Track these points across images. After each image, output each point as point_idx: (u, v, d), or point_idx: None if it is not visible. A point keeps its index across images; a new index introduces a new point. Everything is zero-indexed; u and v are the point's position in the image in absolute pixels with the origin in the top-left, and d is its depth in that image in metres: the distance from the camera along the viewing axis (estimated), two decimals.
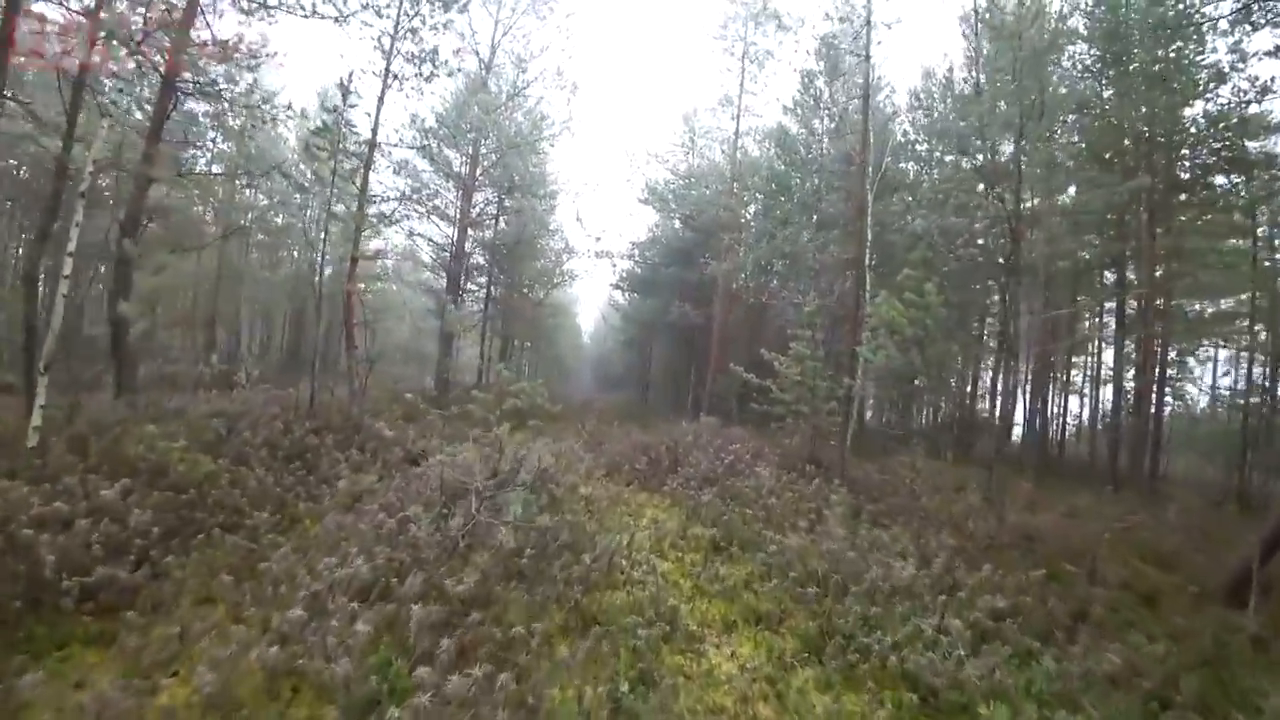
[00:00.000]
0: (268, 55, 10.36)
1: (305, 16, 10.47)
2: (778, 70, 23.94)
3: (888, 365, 8.23)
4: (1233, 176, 14.82)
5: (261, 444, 7.98)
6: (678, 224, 29.09)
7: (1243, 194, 15.01)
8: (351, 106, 10.37)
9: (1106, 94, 15.87)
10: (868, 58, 10.32)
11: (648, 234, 30.13)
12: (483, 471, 6.18)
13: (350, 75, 10.26)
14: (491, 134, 18.91)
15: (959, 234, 14.35)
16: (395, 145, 11.69)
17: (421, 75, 12.04)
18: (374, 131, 11.47)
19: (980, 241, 17.49)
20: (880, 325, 8.28)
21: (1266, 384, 16.15)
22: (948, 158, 23.03)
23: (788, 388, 11.09)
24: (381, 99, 11.71)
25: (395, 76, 12.46)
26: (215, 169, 16.82)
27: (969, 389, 22.15)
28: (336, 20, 11.16)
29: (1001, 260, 10.41)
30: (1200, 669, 4.52)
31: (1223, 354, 26.40)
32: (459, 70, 12.79)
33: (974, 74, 19.47)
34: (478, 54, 19.67)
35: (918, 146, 23.86)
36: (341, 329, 32.70)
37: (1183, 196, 16.49)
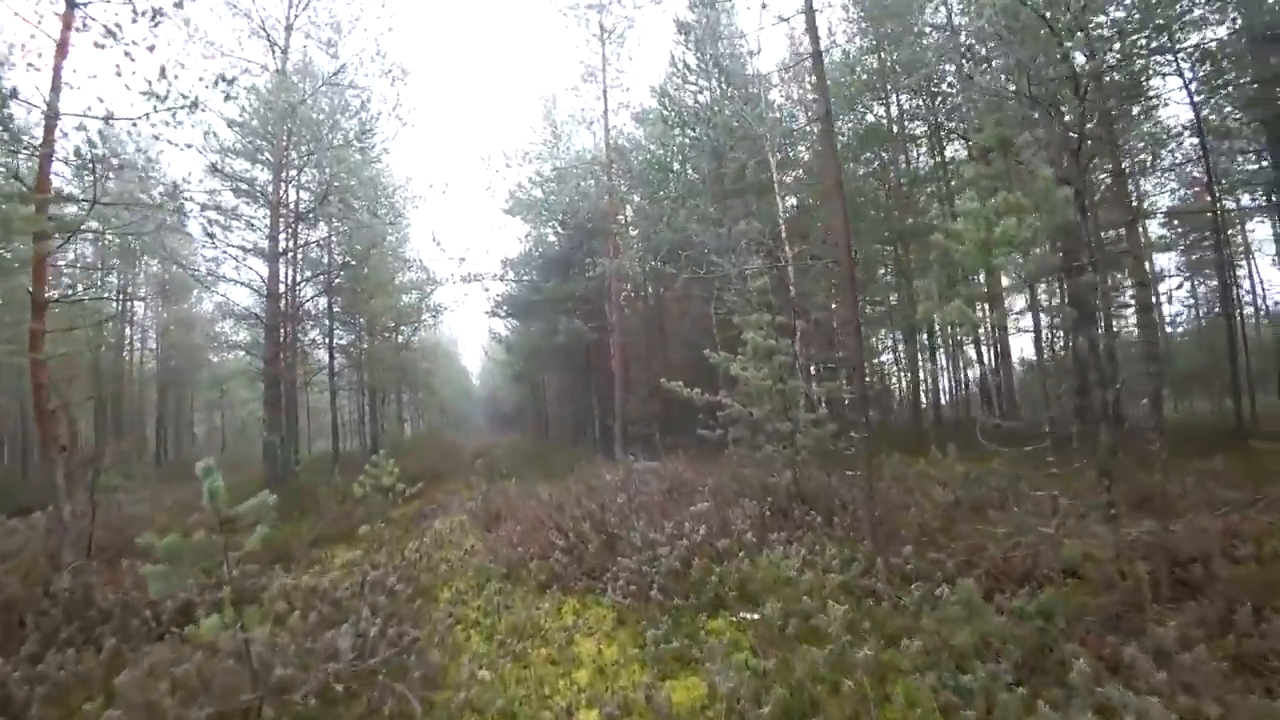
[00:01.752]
0: None
1: None
2: (642, 40, 21.09)
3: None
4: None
5: None
6: (551, 233, 25.51)
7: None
8: None
9: None
10: None
11: (520, 248, 26.25)
12: None
13: None
14: (300, 133, 14.63)
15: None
16: (96, 119, 7.21)
17: (137, 14, 7.80)
18: (51, 105, 7.05)
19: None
20: (942, 251, 4.94)
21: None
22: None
23: (755, 398, 7.67)
24: (62, 49, 7.31)
25: (105, 28, 8.13)
26: None
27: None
28: None
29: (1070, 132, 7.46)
30: None
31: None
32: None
33: None
34: (269, 38, 15.35)
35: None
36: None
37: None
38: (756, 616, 5.31)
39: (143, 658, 4.08)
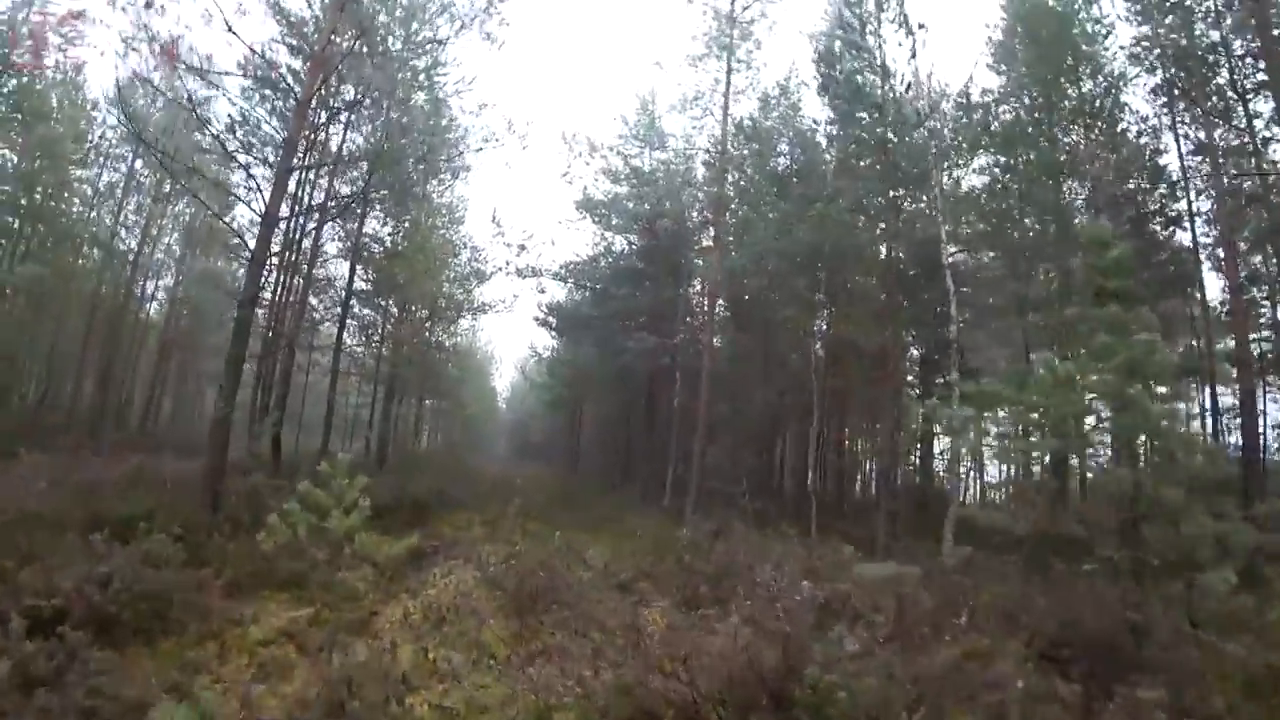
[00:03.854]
0: None
1: None
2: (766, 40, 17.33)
3: None
4: None
5: None
6: (624, 241, 21.33)
7: None
8: None
9: None
10: None
11: (588, 252, 22.01)
12: None
13: None
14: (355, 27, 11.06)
15: None
16: None
17: None
18: None
19: None
20: None
21: None
22: None
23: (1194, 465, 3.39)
24: None
25: None
26: None
27: None
28: None
29: None
30: None
31: None
32: None
33: None
34: None
35: None
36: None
37: None
38: None
39: None
